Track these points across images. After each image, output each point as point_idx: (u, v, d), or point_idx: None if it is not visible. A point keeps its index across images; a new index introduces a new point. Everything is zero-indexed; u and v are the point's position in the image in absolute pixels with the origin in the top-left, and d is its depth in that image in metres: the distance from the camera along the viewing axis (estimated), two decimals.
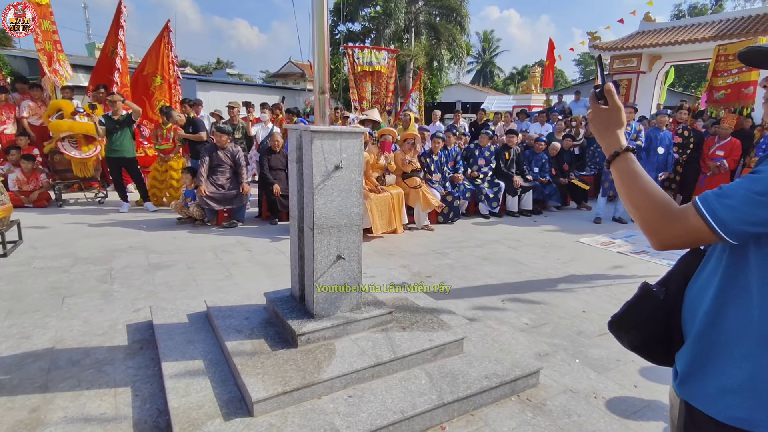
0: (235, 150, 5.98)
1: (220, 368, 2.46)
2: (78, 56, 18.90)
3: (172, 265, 4.37)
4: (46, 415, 2.22)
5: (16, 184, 6.72)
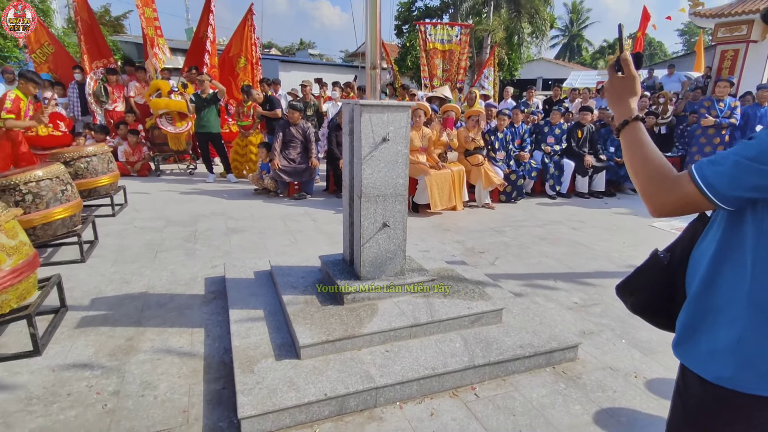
0: (306, 126, 6.35)
1: (276, 318, 2.77)
2: (178, 41, 20.65)
3: (245, 230, 4.84)
4: (138, 343, 2.68)
5: (124, 155, 7.70)
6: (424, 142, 5.73)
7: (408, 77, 20.66)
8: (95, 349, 2.60)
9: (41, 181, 3.69)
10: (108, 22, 25.43)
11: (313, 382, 2.16)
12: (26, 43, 8.96)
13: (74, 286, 3.37)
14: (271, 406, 2.00)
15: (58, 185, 3.83)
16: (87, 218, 4.30)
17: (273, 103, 7.54)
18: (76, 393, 2.22)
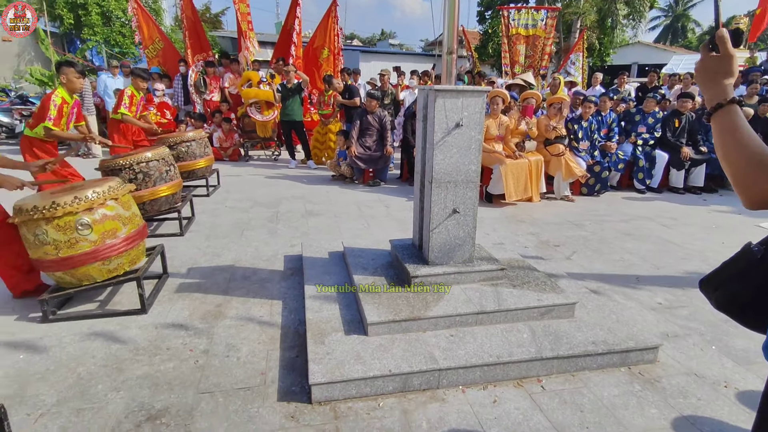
0: (382, 114, 6.47)
1: (347, 296, 2.91)
2: (268, 34, 21.86)
3: (322, 214, 5.09)
4: (225, 310, 2.96)
5: (218, 141, 8.39)
6: (501, 130, 5.58)
7: (489, 65, 20.05)
8: (189, 312, 2.92)
9: (150, 162, 4.17)
10: (208, 18, 27.56)
11: (379, 358, 2.26)
12: (141, 40, 10.05)
13: (174, 256, 3.79)
14: (339, 376, 2.13)
15: (164, 166, 4.29)
16: (186, 197, 4.78)
17: (352, 92, 7.76)
18: (174, 348, 2.52)
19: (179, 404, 2.08)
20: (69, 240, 2.67)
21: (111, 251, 2.81)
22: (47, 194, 2.85)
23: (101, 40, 18.13)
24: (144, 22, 9.86)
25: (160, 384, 2.22)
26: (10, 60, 17.45)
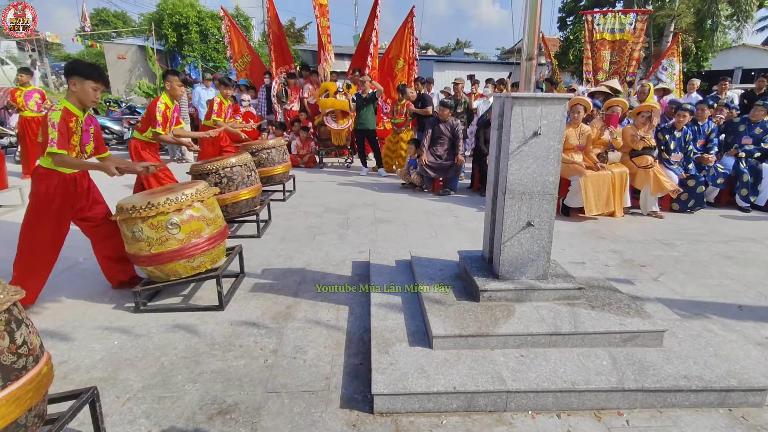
0: (454, 123, 6.39)
1: (412, 305, 2.88)
2: (346, 46, 22.68)
3: (391, 221, 5.11)
4: (294, 312, 3.05)
5: (296, 148, 8.79)
6: (582, 140, 5.27)
7: (569, 72, 19.13)
8: (262, 312, 3.04)
9: (234, 167, 4.44)
10: (292, 33, 29.21)
11: (443, 374, 2.19)
12: (231, 55, 10.86)
13: (250, 256, 3.99)
14: (402, 388, 2.10)
15: (246, 171, 4.56)
16: (264, 201, 5.03)
17: (425, 101, 7.76)
18: (246, 346, 2.64)
19: (248, 401, 2.16)
20: (160, 238, 2.91)
21: (195, 250, 3.01)
22: (145, 195, 3.13)
23: (198, 56, 19.90)
24: (235, 38, 10.65)
25: (232, 380, 2.32)
26: (123, 75, 19.69)
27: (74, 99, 2.93)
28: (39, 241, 2.98)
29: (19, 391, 1.50)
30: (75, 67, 2.91)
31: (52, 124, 2.78)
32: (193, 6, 20.05)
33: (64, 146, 2.82)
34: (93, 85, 2.91)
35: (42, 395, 1.63)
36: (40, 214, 2.96)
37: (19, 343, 1.54)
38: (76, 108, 2.94)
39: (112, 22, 29.41)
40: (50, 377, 1.69)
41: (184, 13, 19.47)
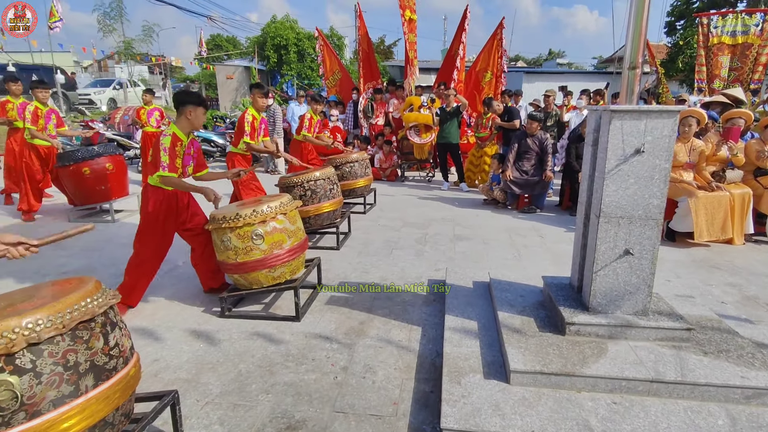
0: (543, 137, 6.03)
1: (489, 332, 2.70)
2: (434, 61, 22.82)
3: (470, 239, 4.92)
4: (367, 329, 3.02)
5: (378, 162, 8.92)
6: (693, 156, 4.66)
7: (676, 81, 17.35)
8: (336, 326, 3.05)
9: (317, 181, 4.58)
10: (381, 50, 30.11)
11: (521, 414, 2.00)
12: (323, 72, 11.42)
13: (329, 268, 4.06)
14: (473, 425, 1.94)
15: (329, 185, 4.68)
16: (344, 213, 5.13)
17: (512, 114, 7.44)
18: (317, 360, 2.65)
19: (315, 419, 2.14)
20: (245, 247, 3.06)
21: (276, 261, 3.12)
22: (235, 206, 3.32)
23: (295, 74, 21.26)
24: (327, 57, 11.18)
25: (302, 394, 2.33)
26: (230, 94, 21.62)
27: (184, 125, 3.24)
28: (147, 250, 3.29)
29: (109, 391, 1.61)
30: (187, 97, 3.25)
31: (164, 148, 3.10)
32: (293, 28, 21.51)
33: (173, 170, 3.14)
34: (203, 111, 3.26)
35: (129, 395, 1.74)
36: (149, 227, 3.27)
37: (111, 345, 1.67)
38: (182, 133, 3.24)
39: (224, 46, 32.57)
40: (137, 378, 1.81)
41: (285, 35, 20.96)
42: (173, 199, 3.29)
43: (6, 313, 1.48)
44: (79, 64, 30.92)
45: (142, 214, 3.29)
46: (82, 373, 1.53)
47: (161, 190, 3.23)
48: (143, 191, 3.30)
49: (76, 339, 1.54)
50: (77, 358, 1.53)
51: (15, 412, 1.40)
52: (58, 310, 1.51)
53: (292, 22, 21.90)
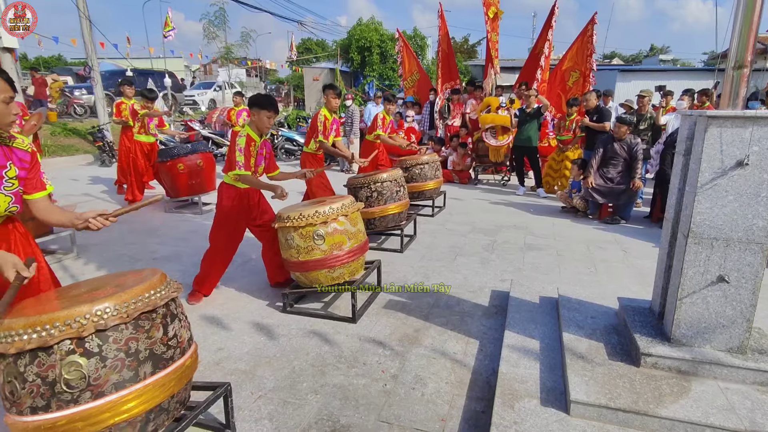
0: (633, 142, 5.50)
1: (551, 355, 2.50)
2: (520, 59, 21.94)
3: (542, 249, 4.62)
4: (421, 337, 2.95)
5: (452, 164, 8.75)
6: None
7: None
8: (390, 331, 3.02)
9: (384, 182, 4.58)
10: (465, 50, 29.64)
11: None
12: (402, 73, 11.48)
13: (389, 271, 4.04)
14: None
15: (395, 187, 4.66)
16: (411, 216, 5.08)
17: (603, 115, 6.80)
18: (368, 365, 2.63)
19: (360, 426, 2.12)
20: (307, 247, 3.13)
21: (336, 261, 3.16)
22: (300, 206, 3.42)
23: (376, 76, 21.68)
24: (407, 58, 11.21)
25: (350, 398, 2.32)
26: (316, 95, 22.61)
27: (255, 127, 3.38)
28: (220, 244, 3.50)
29: (165, 379, 1.71)
30: (254, 99, 3.38)
31: (239, 149, 3.27)
32: (377, 30, 21.94)
33: (248, 168, 3.31)
34: (267, 114, 3.33)
35: (184, 384, 1.84)
36: (222, 222, 3.48)
37: (170, 335, 1.77)
38: (255, 134, 3.39)
39: (313, 49, 34.09)
40: (194, 369, 1.91)
41: (369, 37, 21.43)
42: (245, 197, 3.47)
43: (82, 299, 1.63)
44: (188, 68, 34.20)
45: (216, 210, 3.50)
46: (141, 360, 1.65)
47: (234, 188, 3.41)
48: (219, 188, 3.51)
49: (138, 328, 1.66)
50: (138, 346, 1.64)
51: (83, 390, 1.54)
52: (124, 300, 1.63)
53: (377, 24, 22.33)
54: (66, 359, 1.53)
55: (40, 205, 1.97)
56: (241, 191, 3.44)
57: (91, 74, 11.56)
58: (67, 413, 1.54)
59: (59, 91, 14.96)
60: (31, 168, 1.92)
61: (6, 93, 1.70)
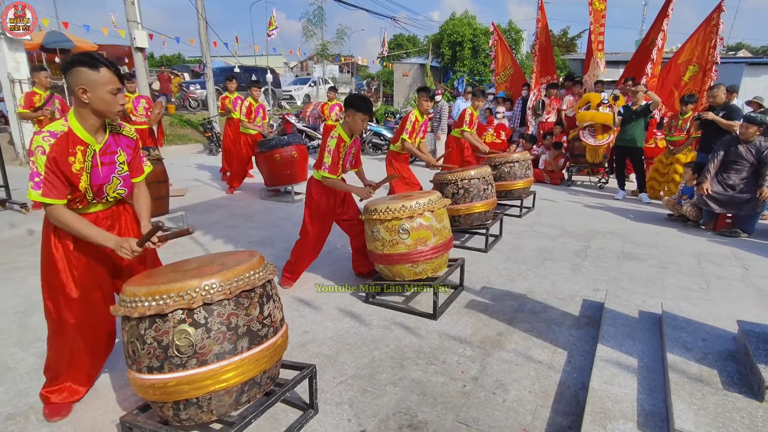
0: (764, 146, 4.79)
1: (651, 376, 2.27)
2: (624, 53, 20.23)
3: (643, 259, 4.22)
4: (504, 341, 2.85)
5: (543, 163, 8.32)
6: None
7: None
8: (471, 332, 2.96)
9: (472, 179, 4.49)
10: (563, 43, 27.97)
11: None
12: (494, 68, 11.15)
13: (472, 271, 3.95)
14: None
15: (483, 184, 4.55)
16: (497, 215, 4.93)
17: (731, 113, 5.88)
18: (448, 364, 2.60)
19: (437, 424, 2.11)
20: (392, 240, 3.17)
21: (419, 257, 3.16)
22: (387, 200, 3.46)
23: (467, 71, 21.25)
24: (500, 52, 10.86)
25: (427, 395, 2.32)
26: (404, 90, 22.80)
27: (347, 127, 3.47)
28: (311, 237, 3.67)
29: (259, 354, 1.84)
30: (351, 100, 3.44)
31: (329, 150, 3.38)
32: (470, 24, 21.46)
33: (334, 171, 3.41)
34: (362, 117, 3.38)
35: (275, 361, 1.97)
36: (311, 215, 3.64)
37: (265, 314, 1.90)
38: (346, 135, 3.48)
39: (404, 45, 34.35)
40: (284, 347, 2.03)
41: (461, 32, 21.05)
42: (332, 194, 3.59)
43: (192, 275, 1.80)
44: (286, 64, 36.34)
45: (306, 204, 3.66)
46: (240, 335, 1.78)
47: (322, 185, 3.55)
48: (308, 182, 3.67)
49: (239, 305, 1.80)
50: (237, 321, 1.78)
51: (190, 357, 1.71)
52: (228, 278, 1.78)
53: (470, 18, 21.83)
54: (178, 327, 1.70)
55: (135, 187, 2.18)
56: (328, 188, 3.56)
57: (204, 71, 12.73)
58: (176, 376, 1.72)
59: (177, 86, 16.75)
60: (134, 153, 2.14)
61: (114, 84, 1.88)
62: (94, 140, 1.95)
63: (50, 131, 1.85)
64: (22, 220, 5.44)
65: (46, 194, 1.83)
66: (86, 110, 1.89)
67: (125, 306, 1.75)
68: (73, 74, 1.83)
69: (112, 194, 2.07)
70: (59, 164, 1.84)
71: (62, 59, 13.47)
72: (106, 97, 1.86)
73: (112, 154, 2.03)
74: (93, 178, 1.95)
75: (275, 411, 2.18)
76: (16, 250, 4.44)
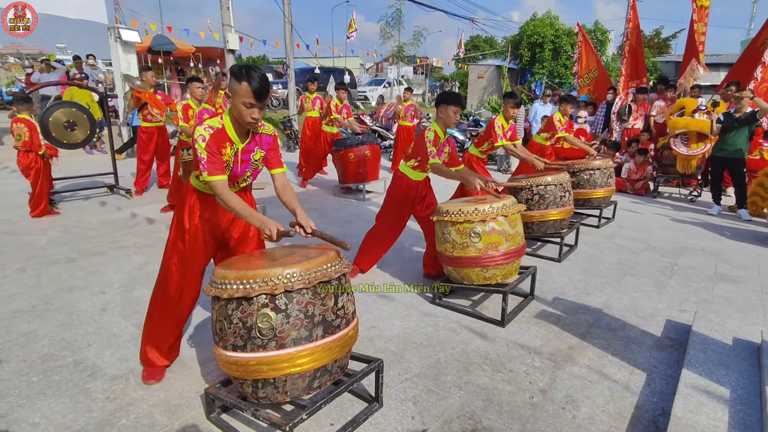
0: None
1: (746, 410, 2.07)
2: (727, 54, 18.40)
3: (741, 282, 3.83)
4: (576, 356, 2.73)
5: (627, 172, 7.80)
6: None
7: None
8: (541, 343, 2.87)
9: (548, 186, 4.34)
10: (655, 44, 25.99)
11: None
12: (577, 71, 10.62)
13: (544, 280, 3.81)
14: None
15: (560, 191, 4.37)
16: (573, 224, 4.71)
17: None
18: (515, 372, 2.55)
19: None
20: (462, 243, 3.16)
21: (489, 262, 3.12)
22: (460, 202, 3.44)
23: (546, 73, 20.43)
24: (585, 53, 10.33)
25: (493, 402, 2.29)
26: (479, 92, 22.43)
27: (441, 123, 3.54)
28: (386, 225, 3.77)
29: (332, 344, 1.93)
30: (441, 97, 3.52)
31: (429, 140, 3.50)
32: (552, 24, 20.61)
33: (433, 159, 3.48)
34: (453, 109, 3.46)
35: (346, 352, 2.05)
36: (389, 207, 3.73)
37: (339, 306, 1.99)
38: (441, 131, 3.55)
39: (481, 46, 33.77)
40: (354, 339, 2.11)
41: (542, 32, 20.28)
42: (414, 188, 3.64)
43: (276, 263, 1.93)
44: (362, 66, 37.19)
45: (386, 195, 3.76)
46: (315, 323, 1.88)
47: (406, 179, 3.62)
48: (393, 176, 3.76)
49: (316, 295, 1.90)
50: (314, 310, 1.88)
51: (270, 339, 1.83)
52: (308, 269, 1.89)
53: (552, 18, 20.95)
54: (261, 311, 1.83)
55: (278, 182, 2.40)
56: (411, 182, 3.62)
57: (287, 71, 13.40)
58: (257, 356, 1.85)
59: None
60: (272, 148, 2.37)
61: (248, 98, 2.05)
62: (239, 140, 2.20)
63: (209, 125, 2.13)
64: (127, 204, 6.09)
65: (211, 173, 2.08)
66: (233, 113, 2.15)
67: (216, 287, 1.92)
68: (230, 80, 2.07)
69: (242, 183, 2.37)
70: (217, 149, 2.11)
71: (164, 60, 14.87)
72: (239, 107, 2.07)
73: (249, 152, 2.27)
74: (233, 169, 2.24)
75: (342, 400, 2.27)
76: (121, 230, 4.98)
